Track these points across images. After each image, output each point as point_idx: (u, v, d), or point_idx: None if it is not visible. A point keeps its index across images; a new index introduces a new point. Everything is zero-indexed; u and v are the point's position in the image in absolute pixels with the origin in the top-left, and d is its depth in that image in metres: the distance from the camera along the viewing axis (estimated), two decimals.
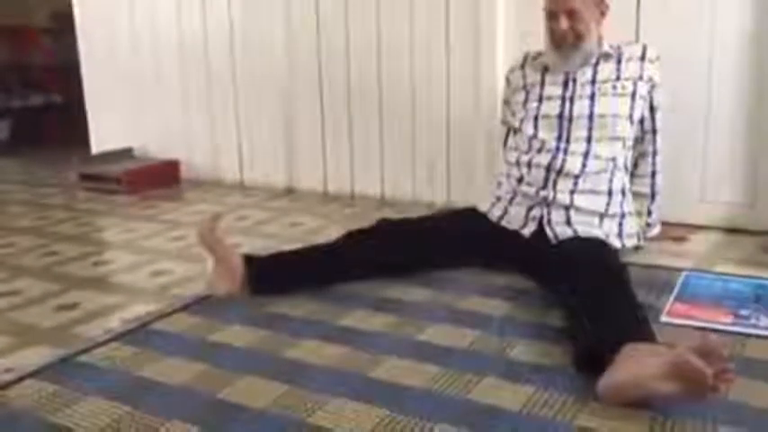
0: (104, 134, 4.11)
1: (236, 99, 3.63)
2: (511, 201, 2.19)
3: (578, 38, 2.12)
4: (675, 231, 2.47)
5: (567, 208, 2.09)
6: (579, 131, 2.13)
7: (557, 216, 2.10)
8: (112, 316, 2.01)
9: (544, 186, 2.12)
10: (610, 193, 2.13)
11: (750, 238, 2.46)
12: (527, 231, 2.12)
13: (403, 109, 3.14)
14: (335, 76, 3.30)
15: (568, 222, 2.08)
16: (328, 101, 3.35)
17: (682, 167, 2.54)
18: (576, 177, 2.10)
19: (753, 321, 1.76)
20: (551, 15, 2.14)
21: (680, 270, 2.13)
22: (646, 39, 2.45)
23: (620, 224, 2.14)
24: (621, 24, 2.47)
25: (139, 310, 2.03)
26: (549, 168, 2.11)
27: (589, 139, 2.12)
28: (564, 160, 2.10)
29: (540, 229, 2.10)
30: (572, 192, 2.10)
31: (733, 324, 1.76)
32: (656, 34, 2.48)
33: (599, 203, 2.12)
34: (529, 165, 2.16)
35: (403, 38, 3.07)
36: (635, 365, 1.37)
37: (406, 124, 3.15)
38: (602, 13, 2.17)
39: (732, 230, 2.53)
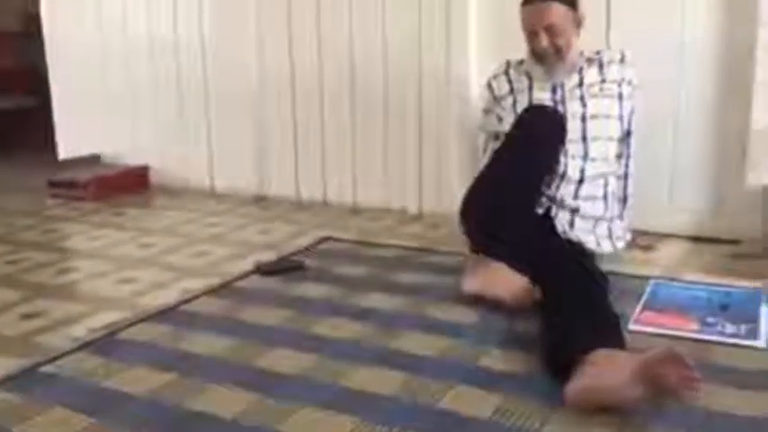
0: (73, 140, 4.03)
1: (206, 105, 3.60)
2: None
3: (559, 52, 2.15)
4: (644, 239, 2.50)
5: (572, 211, 2.11)
6: (574, 132, 2.15)
7: (562, 216, 2.12)
8: (79, 325, 1.98)
9: (548, 187, 2.13)
10: (605, 197, 2.16)
11: (716, 246, 2.49)
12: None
13: (375, 116, 3.14)
14: (307, 82, 3.29)
15: (571, 225, 2.10)
16: (300, 107, 3.34)
17: (650, 176, 2.56)
18: (578, 183, 2.12)
19: (719, 329, 1.78)
20: (531, 34, 2.16)
21: (648, 278, 2.15)
22: (615, 45, 2.48)
23: (610, 228, 2.17)
24: (592, 36, 2.50)
25: (106, 318, 2.00)
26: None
27: (584, 140, 2.14)
28: (566, 164, 2.12)
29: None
30: (575, 197, 2.12)
31: (700, 332, 1.78)
32: (625, 41, 2.51)
33: (598, 209, 2.16)
34: None
35: (375, 43, 3.07)
36: (601, 371, 1.39)
37: (378, 131, 3.15)
38: (579, 25, 2.19)
39: (699, 239, 2.57)
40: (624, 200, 2.30)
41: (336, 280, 2.24)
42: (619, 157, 2.27)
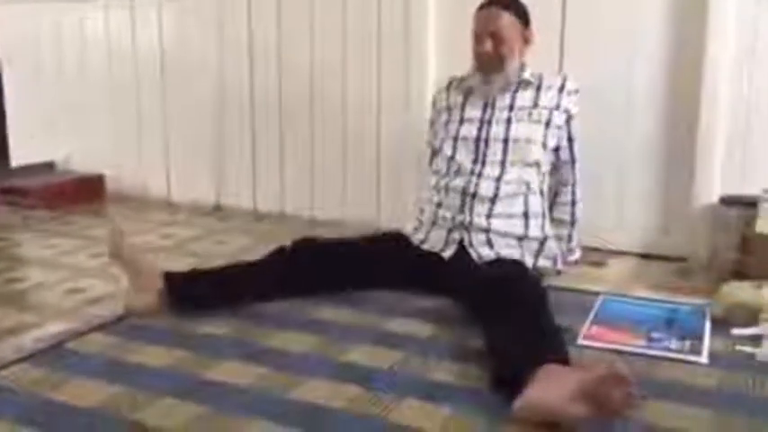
0: (26, 146, 3.98)
1: (164, 113, 3.57)
2: (432, 224, 2.22)
3: (500, 60, 2.19)
4: (594, 256, 2.55)
5: (485, 231, 2.14)
6: (494, 155, 2.19)
7: (477, 238, 2.14)
8: (25, 335, 1.93)
9: (461, 210, 2.16)
10: (526, 215, 2.18)
11: (664, 263, 2.55)
12: (447, 254, 2.15)
13: (334, 129, 3.15)
14: (267, 93, 3.29)
15: (489, 244, 2.13)
16: (260, 119, 3.33)
17: (601, 195, 2.62)
18: (492, 201, 2.15)
19: (665, 344, 1.83)
20: (477, 37, 2.22)
21: (597, 294, 2.19)
22: (568, 71, 2.54)
23: (540, 246, 2.20)
24: (546, 59, 2.55)
25: (54, 329, 1.96)
26: (464, 192, 2.16)
27: (503, 163, 2.18)
28: (477, 184, 2.15)
29: (462, 251, 2.13)
30: (488, 216, 2.14)
31: (646, 347, 1.81)
32: (578, 67, 2.58)
33: (516, 226, 2.17)
34: (446, 189, 2.21)
35: (335, 59, 3.09)
36: (548, 387, 1.41)
37: (336, 144, 3.16)
38: (527, 41, 2.25)
39: (647, 256, 2.63)
40: (572, 223, 2.35)
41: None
42: (565, 184, 2.33)
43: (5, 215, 3.37)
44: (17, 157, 4.00)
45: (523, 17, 2.23)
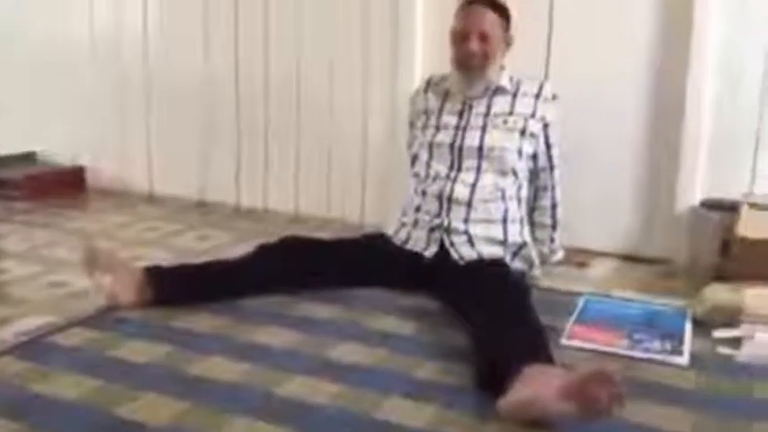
0: (5, 136, 3.92)
1: (148, 106, 3.54)
2: (413, 226, 2.23)
3: (486, 60, 2.18)
4: (578, 257, 2.57)
5: (465, 232, 2.15)
6: (469, 161, 2.19)
7: (458, 239, 2.14)
8: (5, 328, 1.91)
9: (438, 214, 2.17)
10: (505, 221, 2.19)
11: (646, 265, 2.58)
12: (429, 253, 2.16)
13: (320, 127, 3.15)
14: (253, 90, 3.27)
15: (470, 243, 2.13)
16: (244, 114, 3.32)
17: (584, 197, 2.64)
18: (468, 206, 2.15)
19: (645, 345, 1.84)
20: (462, 36, 2.18)
21: (580, 294, 2.20)
22: (554, 74, 2.55)
23: (518, 250, 2.22)
24: (532, 62, 2.57)
25: (35, 322, 1.94)
26: (440, 196, 2.17)
27: (478, 169, 2.18)
28: (452, 189, 2.16)
29: (444, 251, 2.14)
30: (465, 220, 2.15)
31: (627, 348, 1.83)
32: (564, 70, 2.60)
33: (496, 232, 2.18)
34: (424, 194, 2.22)
35: (322, 57, 3.09)
36: (534, 386, 1.41)
37: (322, 142, 3.15)
38: (508, 44, 2.24)
39: (630, 258, 2.65)
40: (553, 226, 2.36)
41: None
42: (545, 188, 2.33)
43: None
44: None
45: (506, 18, 2.22)
